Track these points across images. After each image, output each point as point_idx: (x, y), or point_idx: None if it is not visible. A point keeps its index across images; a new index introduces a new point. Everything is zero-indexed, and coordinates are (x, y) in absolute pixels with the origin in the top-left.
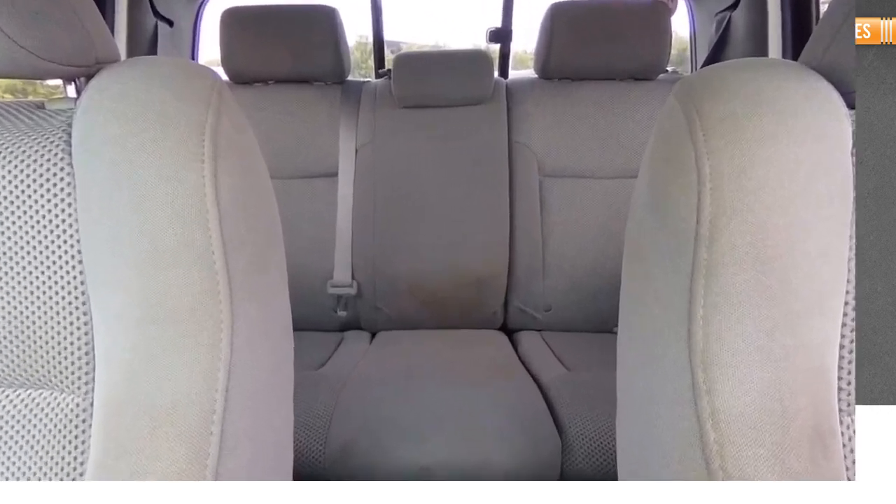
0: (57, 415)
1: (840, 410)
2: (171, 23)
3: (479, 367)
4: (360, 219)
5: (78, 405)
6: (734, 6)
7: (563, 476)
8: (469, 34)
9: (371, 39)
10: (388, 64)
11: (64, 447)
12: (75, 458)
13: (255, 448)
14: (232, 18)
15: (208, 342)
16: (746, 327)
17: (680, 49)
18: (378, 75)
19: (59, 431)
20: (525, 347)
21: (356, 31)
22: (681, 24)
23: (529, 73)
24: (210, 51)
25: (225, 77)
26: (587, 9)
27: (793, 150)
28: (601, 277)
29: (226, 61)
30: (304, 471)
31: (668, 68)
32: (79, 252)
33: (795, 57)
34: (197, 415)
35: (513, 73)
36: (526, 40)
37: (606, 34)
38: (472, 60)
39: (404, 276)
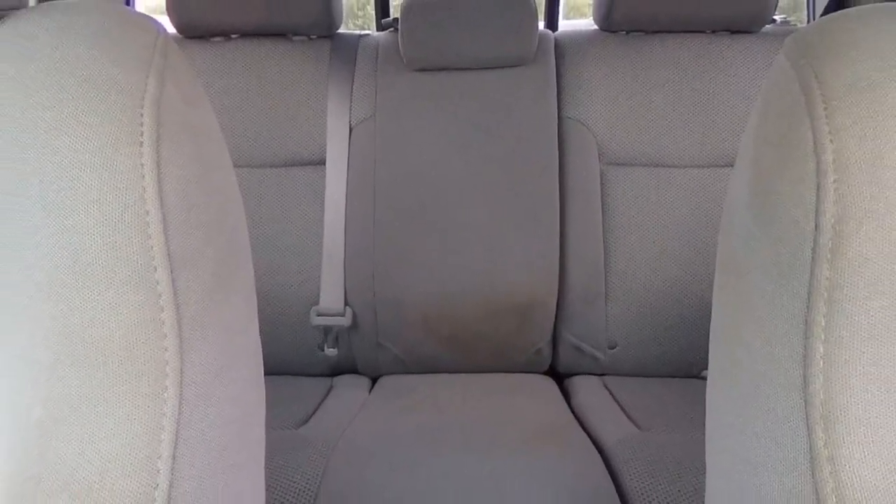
0: None
1: None
2: None
3: (519, 427)
4: (357, 223)
5: None
6: None
7: None
8: None
9: None
10: (395, 12)
11: None
12: None
13: None
14: None
15: (148, 391)
16: (884, 371)
17: None
18: (381, 27)
19: None
20: (581, 398)
21: None
22: None
23: (588, 23)
24: None
25: (172, 30)
26: None
27: None
28: (683, 304)
29: (173, 8)
30: None
31: (777, 17)
32: None
33: None
34: (133, 491)
35: (564, 24)
36: None
37: None
38: (508, 6)
39: (416, 302)
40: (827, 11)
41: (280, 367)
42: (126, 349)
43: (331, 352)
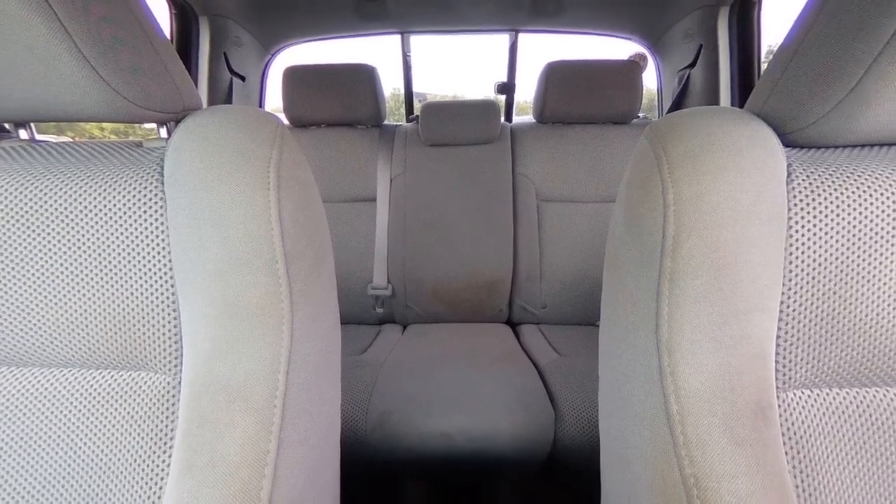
0: (151, 391)
1: (777, 388)
2: (243, 78)
3: (489, 354)
4: (394, 235)
5: (168, 383)
6: (692, 65)
7: (556, 440)
8: (481, 87)
9: (402, 91)
10: (417, 111)
11: (157, 417)
12: (167, 426)
13: (310, 418)
14: (293, 75)
15: (273, 333)
16: (702, 321)
17: (649, 99)
18: (409, 120)
19: (154, 404)
20: (526, 338)
21: (391, 84)
22: (650, 78)
23: (529, 118)
24: (273, 100)
25: (286, 122)
26: (574, 67)
27: (739, 180)
28: (586, 281)
29: (287, 109)
30: (349, 437)
31: (640, 114)
32: (169, 261)
33: (741, 105)
34: (264, 391)
35: (516, 119)
36: (526, 92)
37: (589, 87)
38: (483, 108)
39: (429, 280)
40: (670, 111)
41: (349, 319)
42: (259, 308)
43: (379, 311)
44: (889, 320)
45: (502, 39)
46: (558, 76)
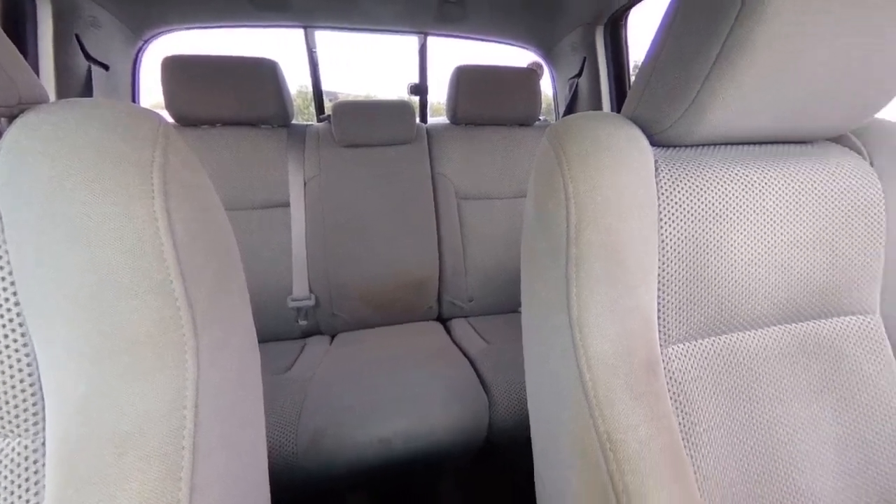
0: (7, 459)
1: (661, 346)
2: (106, 67)
3: (422, 352)
4: (313, 241)
5: (27, 447)
6: (580, 74)
7: (490, 424)
8: (393, 87)
9: (310, 89)
10: (328, 110)
11: (15, 491)
12: (28, 502)
13: (229, 452)
14: (173, 65)
15: (173, 364)
16: (603, 298)
17: (547, 103)
18: (319, 119)
19: (11, 474)
20: (456, 331)
21: (297, 81)
22: (547, 85)
23: (444, 119)
24: (154, 95)
25: (170, 120)
26: (482, 72)
27: (622, 176)
28: (507, 272)
29: (170, 105)
30: (278, 463)
31: (541, 117)
32: (14, 293)
33: (619, 110)
34: (166, 433)
35: (431, 120)
36: (439, 94)
37: (496, 91)
38: (398, 109)
39: (355, 285)
40: (565, 114)
41: (270, 336)
42: (150, 337)
43: (303, 323)
44: (732, 279)
45: (412, 41)
46: (467, 79)
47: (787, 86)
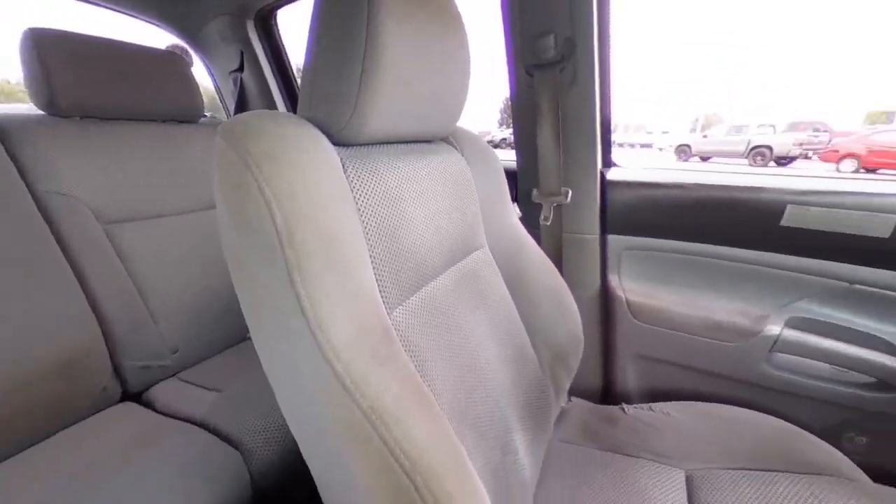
0: None
1: (387, 312)
2: None
3: (113, 454)
4: None
5: None
6: (241, 69)
7: (253, 476)
8: None
9: None
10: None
11: None
12: None
13: None
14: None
15: None
16: (332, 288)
17: (211, 97)
18: None
19: None
20: (163, 400)
21: None
22: (205, 77)
23: (29, 107)
24: None
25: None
26: (89, 44)
27: (314, 174)
28: (220, 299)
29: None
30: None
31: (207, 113)
32: None
33: (293, 107)
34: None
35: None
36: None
37: (124, 75)
38: None
39: None
40: (237, 111)
41: None
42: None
43: None
44: (416, 244)
45: None
46: (65, 53)
47: (411, 100)
